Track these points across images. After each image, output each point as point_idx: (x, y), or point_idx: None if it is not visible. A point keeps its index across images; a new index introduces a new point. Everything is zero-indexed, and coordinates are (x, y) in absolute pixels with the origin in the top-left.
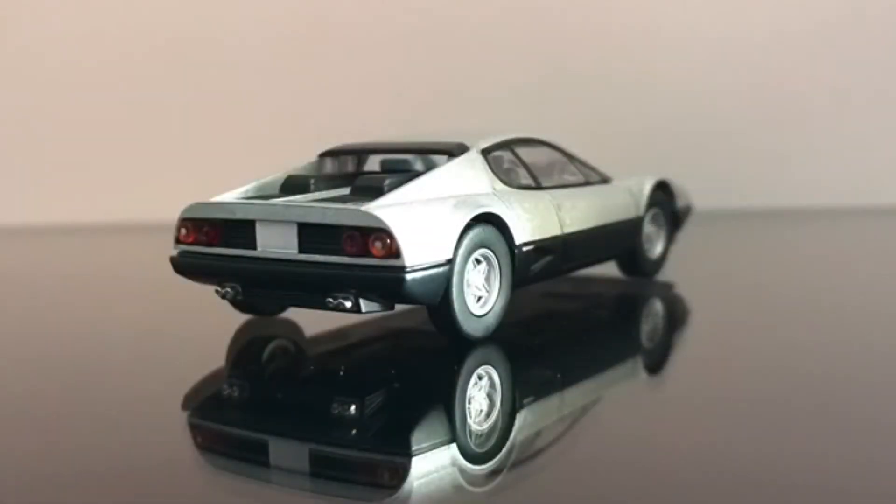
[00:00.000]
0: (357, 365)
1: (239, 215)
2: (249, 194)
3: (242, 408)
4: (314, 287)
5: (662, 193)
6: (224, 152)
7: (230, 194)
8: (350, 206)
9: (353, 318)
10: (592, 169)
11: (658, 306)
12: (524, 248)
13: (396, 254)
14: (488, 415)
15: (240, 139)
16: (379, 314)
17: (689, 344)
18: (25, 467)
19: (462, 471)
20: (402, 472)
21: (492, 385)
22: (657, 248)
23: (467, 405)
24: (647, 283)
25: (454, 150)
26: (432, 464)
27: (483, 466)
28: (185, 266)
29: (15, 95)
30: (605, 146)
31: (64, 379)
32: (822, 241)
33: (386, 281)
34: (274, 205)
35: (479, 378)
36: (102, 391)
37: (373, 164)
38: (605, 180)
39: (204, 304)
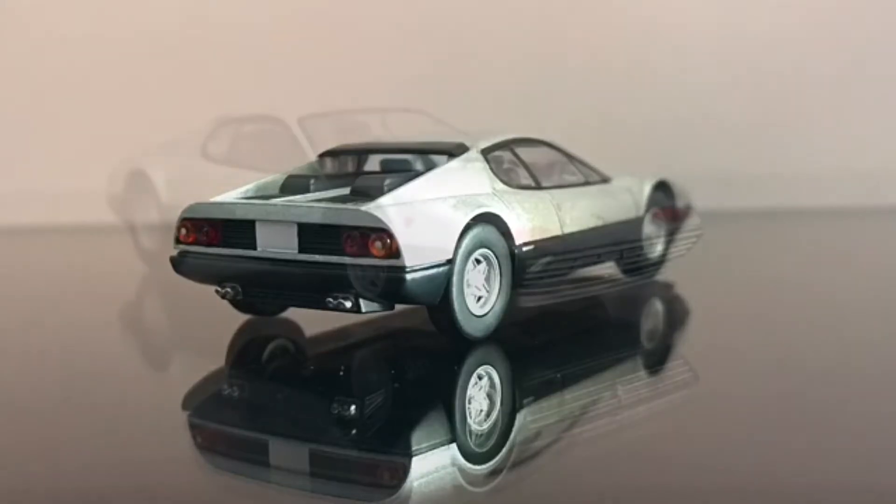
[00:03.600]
0: (357, 365)
1: (239, 215)
2: (249, 194)
3: (242, 408)
4: (314, 287)
5: (662, 193)
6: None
7: (230, 194)
8: (350, 205)
9: (353, 318)
10: (592, 169)
11: (658, 306)
12: (524, 248)
13: (396, 254)
14: (488, 415)
15: None
16: (379, 314)
17: (689, 344)
18: (25, 467)
19: (462, 471)
20: (402, 472)
21: (492, 385)
22: (657, 248)
23: (467, 405)
24: (647, 283)
25: (454, 150)
26: (432, 464)
27: (483, 466)
28: (185, 266)
29: (15, 95)
30: (605, 146)
31: (64, 379)
32: (823, 241)
33: (386, 281)
34: (274, 205)
35: (479, 378)
36: (102, 391)
37: (373, 164)
38: (605, 180)
39: (204, 304)
